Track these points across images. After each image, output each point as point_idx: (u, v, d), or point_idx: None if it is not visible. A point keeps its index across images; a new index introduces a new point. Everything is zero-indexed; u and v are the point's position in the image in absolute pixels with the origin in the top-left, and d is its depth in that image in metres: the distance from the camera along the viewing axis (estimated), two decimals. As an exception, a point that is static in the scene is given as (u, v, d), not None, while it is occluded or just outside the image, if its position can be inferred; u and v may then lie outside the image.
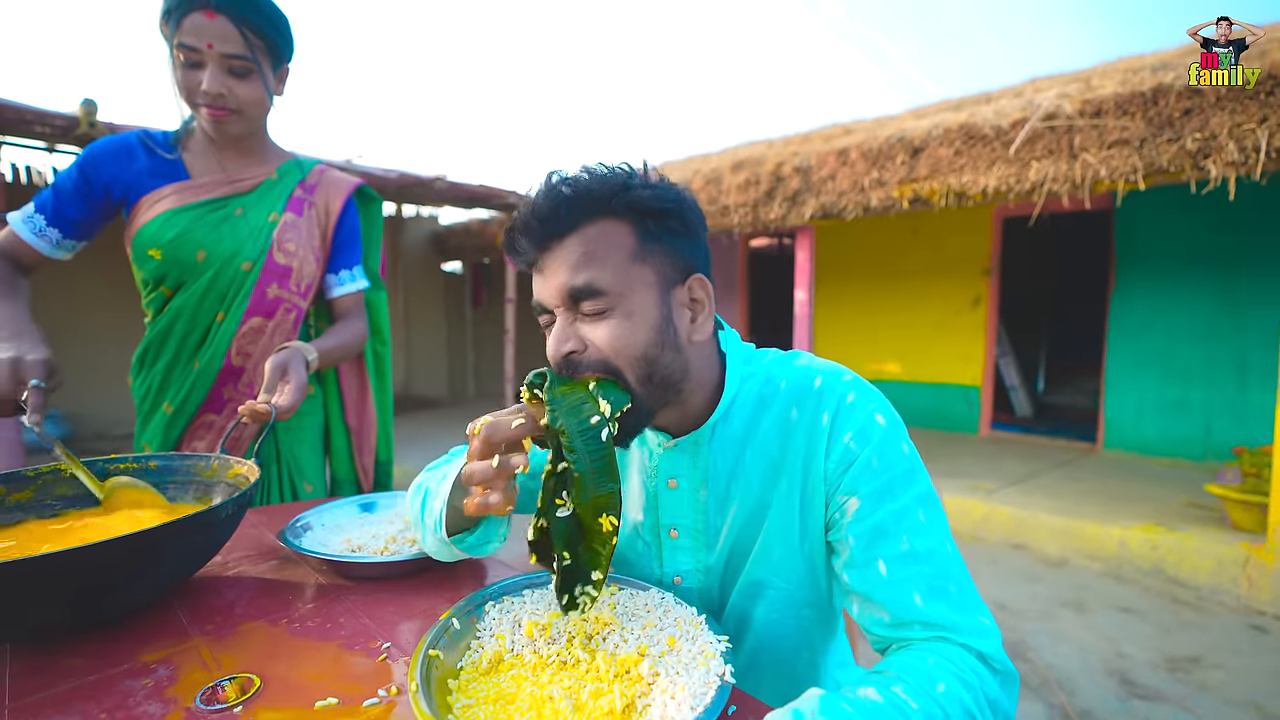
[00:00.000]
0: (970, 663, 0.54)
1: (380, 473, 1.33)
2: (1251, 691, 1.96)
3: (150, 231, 1.04)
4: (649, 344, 0.60)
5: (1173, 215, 4.14)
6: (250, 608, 0.71)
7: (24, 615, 0.58)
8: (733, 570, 0.70)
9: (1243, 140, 2.23)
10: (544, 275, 0.61)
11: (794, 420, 0.65)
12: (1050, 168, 2.65)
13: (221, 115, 1.01)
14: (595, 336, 0.60)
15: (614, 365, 0.60)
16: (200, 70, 0.98)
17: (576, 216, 0.59)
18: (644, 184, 0.61)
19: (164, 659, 0.61)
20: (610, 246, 0.59)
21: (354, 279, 1.21)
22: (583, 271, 0.58)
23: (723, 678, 0.52)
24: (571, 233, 0.59)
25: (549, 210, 0.58)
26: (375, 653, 0.62)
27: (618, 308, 0.59)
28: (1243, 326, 3.96)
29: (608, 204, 0.59)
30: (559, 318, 0.61)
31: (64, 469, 0.83)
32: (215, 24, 0.96)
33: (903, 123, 4.13)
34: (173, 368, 1.10)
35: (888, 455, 0.61)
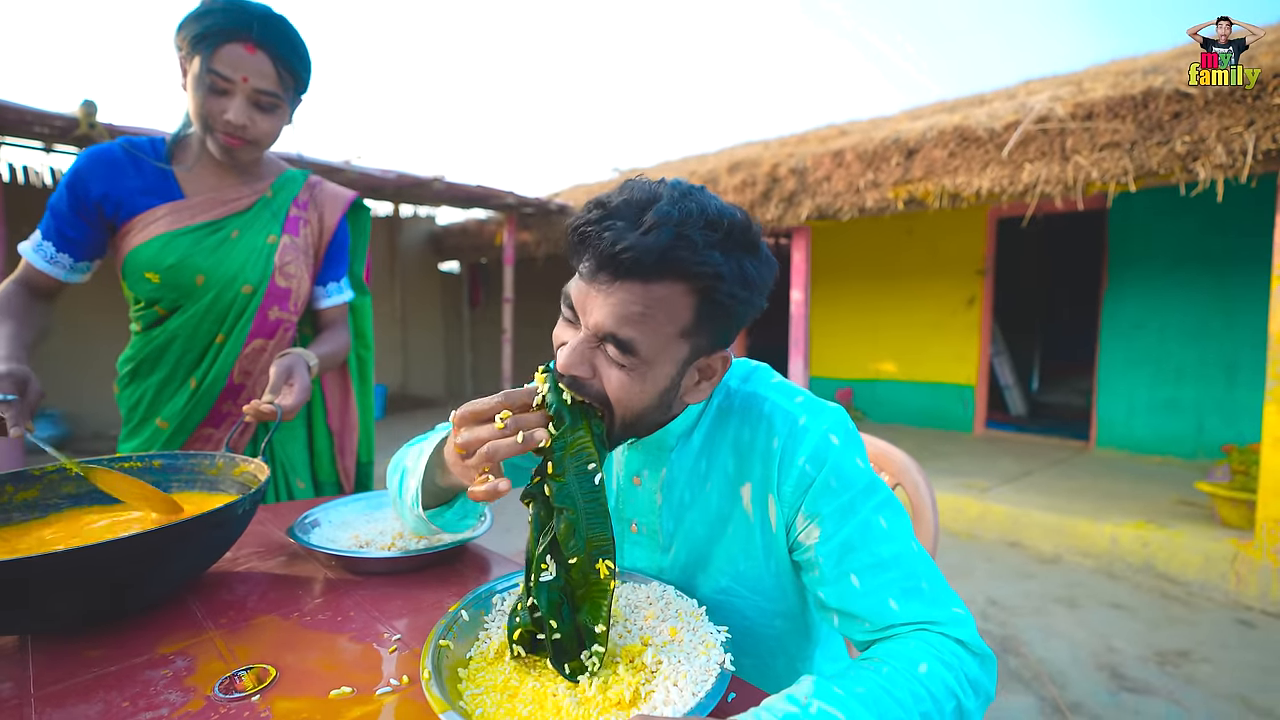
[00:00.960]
0: (950, 646, 0.56)
1: (361, 474, 1.34)
2: (1238, 685, 1.99)
3: (148, 255, 1.03)
4: (647, 406, 0.60)
5: (1165, 216, 4.19)
6: (262, 602, 0.73)
7: (51, 608, 0.60)
8: (689, 576, 0.72)
9: (1230, 144, 2.26)
10: (591, 296, 0.57)
11: (746, 441, 0.66)
12: (1043, 169, 2.69)
13: (238, 144, 1.01)
14: (608, 376, 0.58)
15: (610, 406, 0.59)
16: (227, 98, 0.97)
17: (654, 274, 0.54)
18: (736, 275, 0.56)
19: (181, 650, 0.63)
20: (665, 317, 0.56)
21: (340, 291, 1.21)
22: (628, 328, 0.55)
23: (723, 665, 0.55)
24: (638, 282, 0.54)
25: (632, 257, 0.52)
26: (385, 644, 0.65)
27: (639, 369, 0.58)
28: (1233, 326, 4.00)
29: (694, 278, 0.55)
30: (584, 336, 0.58)
31: (70, 468, 0.85)
32: (254, 59, 0.95)
33: (898, 124, 4.16)
34: (166, 384, 1.10)
35: (845, 473, 0.62)
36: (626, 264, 0.53)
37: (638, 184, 0.58)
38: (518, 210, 5.43)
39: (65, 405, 4.86)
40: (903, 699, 0.50)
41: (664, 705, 0.51)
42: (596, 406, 0.60)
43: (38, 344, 0.99)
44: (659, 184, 0.58)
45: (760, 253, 0.59)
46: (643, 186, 0.57)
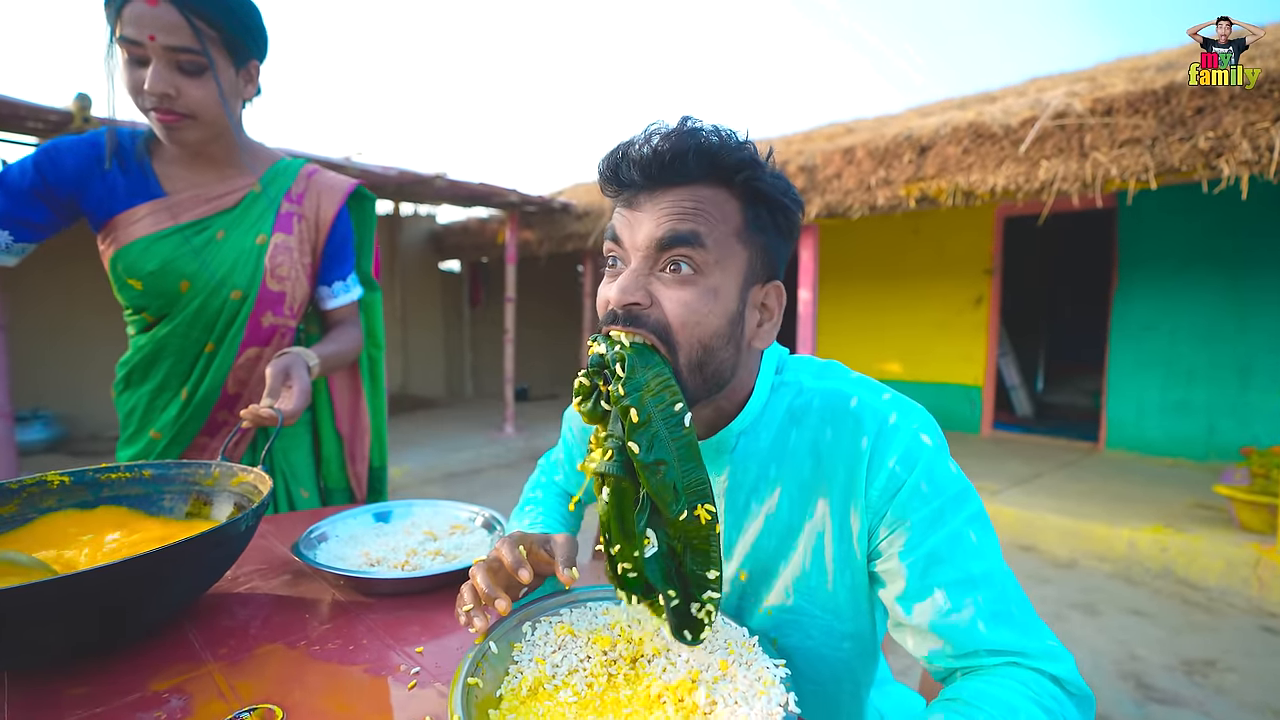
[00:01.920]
0: (1047, 687, 0.50)
1: (374, 479, 1.27)
2: (1267, 694, 1.94)
3: (129, 260, 0.95)
4: (717, 332, 0.55)
5: (1176, 216, 4.14)
6: (266, 628, 0.67)
7: (30, 641, 0.54)
8: (751, 593, 0.66)
9: (1256, 139, 2.21)
10: (636, 214, 0.55)
11: (829, 441, 0.60)
12: (1060, 166, 2.63)
13: (172, 120, 0.88)
14: (669, 298, 0.54)
15: (674, 338, 0.54)
16: (145, 67, 0.86)
17: (701, 170, 0.54)
18: (768, 168, 0.57)
19: (176, 687, 0.56)
20: (718, 215, 0.55)
21: (348, 290, 1.14)
22: (687, 222, 0.53)
23: (786, 708, 0.49)
24: (685, 185, 0.54)
25: (676, 152, 0.53)
26: (404, 678, 0.58)
27: (705, 277, 0.54)
28: (1246, 328, 3.95)
29: (733, 174, 0.55)
30: (634, 264, 0.55)
31: (51, 480, 0.78)
32: (158, 11, 0.83)
33: (907, 121, 4.10)
34: (159, 394, 1.03)
35: (937, 478, 0.56)
36: (669, 161, 0.53)
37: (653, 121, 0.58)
38: (520, 208, 5.36)
39: (62, 407, 4.78)
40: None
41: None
42: (659, 346, 0.54)
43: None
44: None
45: (773, 159, 0.60)
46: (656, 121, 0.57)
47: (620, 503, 0.52)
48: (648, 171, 0.54)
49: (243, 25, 0.90)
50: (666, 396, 0.52)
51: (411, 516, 0.95)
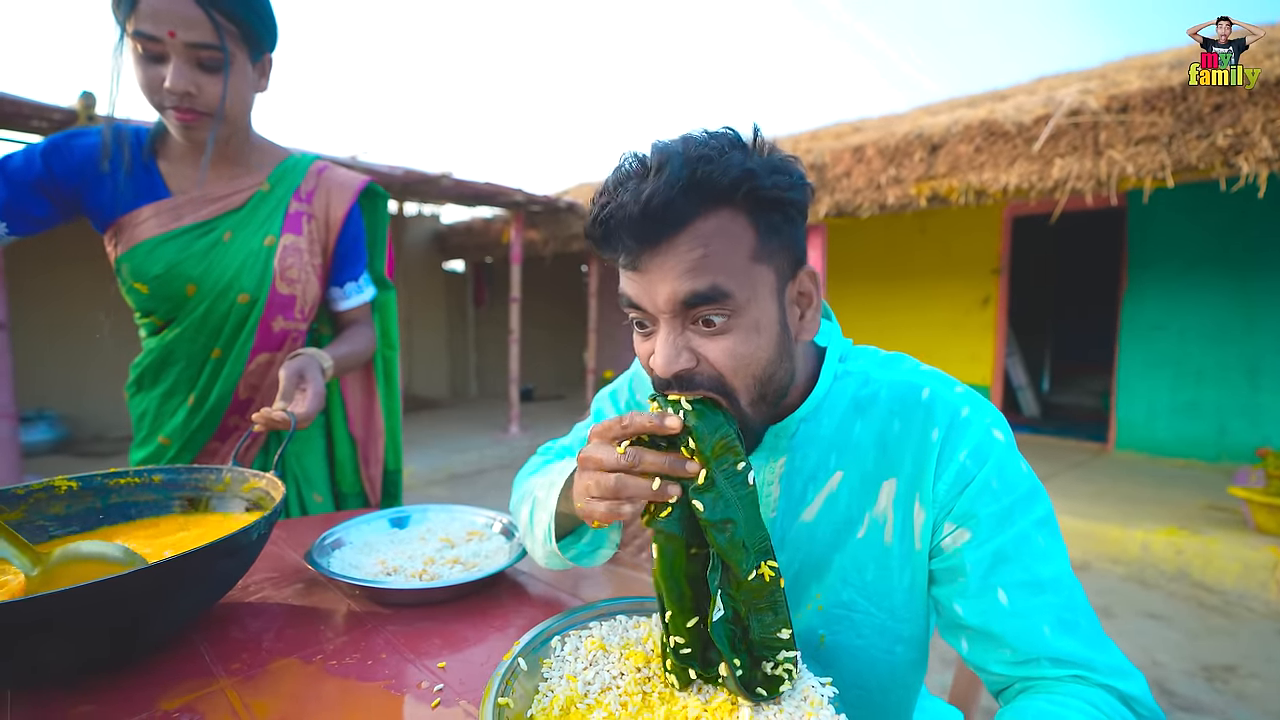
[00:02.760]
0: (1117, 709, 0.47)
1: (389, 482, 1.24)
2: (1292, 701, 1.90)
3: (134, 263, 0.92)
4: (769, 360, 0.53)
5: (1186, 215, 4.10)
6: (279, 641, 0.64)
7: (39, 658, 0.51)
8: (803, 583, 0.63)
9: (1277, 136, 2.17)
10: (646, 276, 0.51)
11: (896, 433, 0.58)
12: (1074, 165, 2.59)
13: (191, 119, 0.85)
14: (712, 352, 0.52)
15: (729, 385, 0.52)
16: (163, 64, 0.82)
17: (692, 209, 0.49)
18: (765, 166, 0.51)
19: (187, 705, 0.53)
20: (729, 246, 0.50)
21: (360, 290, 1.11)
22: (704, 276, 0.49)
23: (838, 731, 0.46)
24: (684, 229, 0.49)
25: (661, 203, 0.48)
26: (427, 695, 0.56)
27: (741, 318, 0.51)
28: (1256, 329, 3.92)
29: (730, 196, 0.49)
30: (665, 327, 0.52)
31: (58, 485, 0.76)
32: (177, 6, 0.80)
33: (916, 120, 4.06)
34: (168, 399, 1.00)
35: (1008, 475, 0.54)
36: (659, 212, 0.48)
37: (621, 161, 0.53)
38: (525, 208, 5.33)
39: (65, 407, 4.77)
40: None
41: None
42: (719, 399, 0.52)
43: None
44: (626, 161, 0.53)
45: (763, 140, 0.53)
46: (626, 158, 0.53)
47: (672, 564, 0.50)
48: (642, 234, 0.49)
49: (259, 17, 0.88)
50: (730, 458, 0.50)
51: (427, 522, 0.93)
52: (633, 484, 0.49)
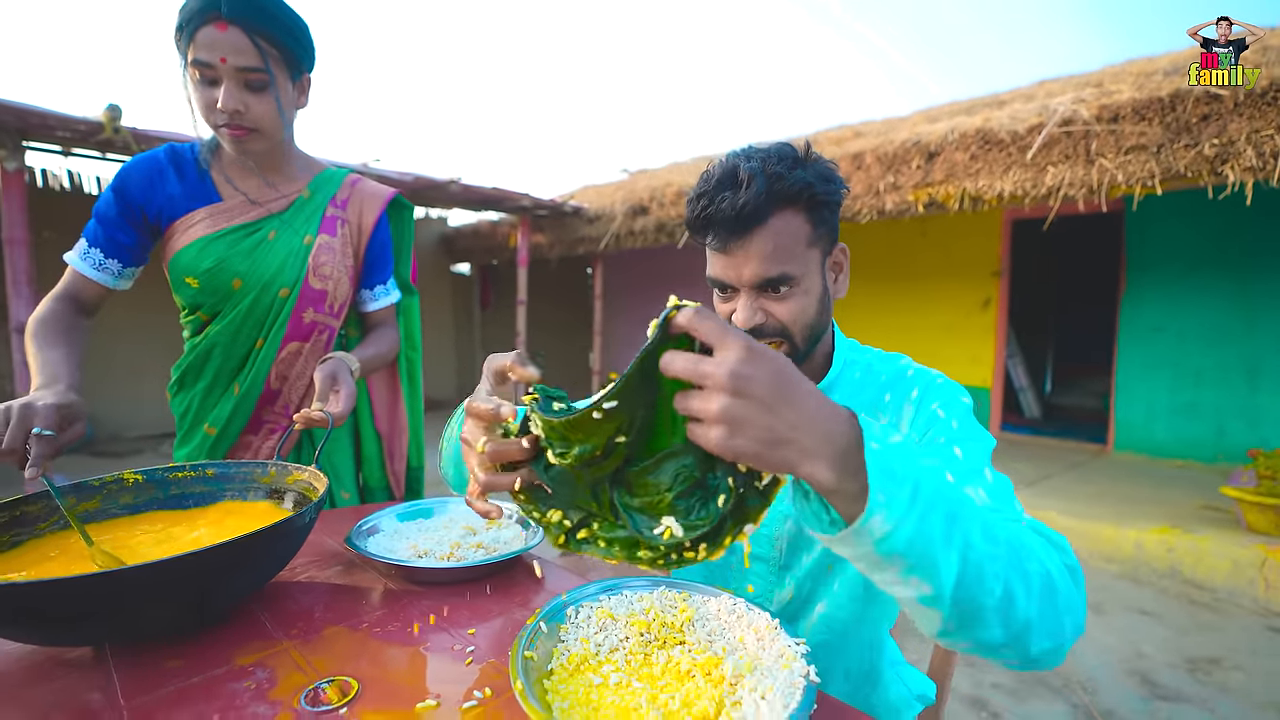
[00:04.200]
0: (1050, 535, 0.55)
1: (411, 478, 1.34)
2: (1272, 693, 1.97)
3: (186, 260, 1.03)
4: (816, 314, 0.73)
5: (1184, 220, 4.15)
6: (329, 612, 0.74)
7: (138, 618, 0.61)
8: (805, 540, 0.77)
9: (1261, 146, 2.24)
10: (733, 259, 0.70)
11: (887, 403, 0.75)
12: (1066, 172, 2.67)
13: (240, 135, 0.97)
14: (778, 311, 0.71)
15: (790, 331, 0.72)
16: (216, 87, 0.93)
17: (768, 210, 0.68)
18: (818, 176, 0.70)
19: (258, 662, 0.63)
20: (793, 238, 0.69)
21: (387, 293, 1.21)
22: (776, 265, 0.69)
23: (808, 678, 0.55)
24: (761, 225, 0.68)
25: (746, 206, 0.66)
26: (460, 655, 0.65)
27: (798, 288, 0.71)
28: (1254, 330, 3.97)
29: (795, 201, 0.68)
30: (745, 296, 0.71)
31: (126, 479, 0.85)
32: (228, 36, 0.91)
33: (914, 126, 4.14)
34: (211, 390, 1.10)
35: (969, 424, 0.69)
36: (749, 215, 0.67)
37: (716, 164, 0.72)
38: (532, 212, 5.44)
39: (84, 407, 4.89)
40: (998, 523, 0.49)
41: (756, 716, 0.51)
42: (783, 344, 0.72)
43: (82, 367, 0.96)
44: (725, 158, 0.72)
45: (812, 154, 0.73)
46: (719, 165, 0.71)
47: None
48: (733, 230, 0.68)
49: (298, 42, 0.99)
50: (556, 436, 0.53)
51: (449, 512, 1.02)
52: (499, 481, 0.56)
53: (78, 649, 0.64)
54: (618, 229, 5.14)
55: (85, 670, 0.61)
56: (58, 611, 0.56)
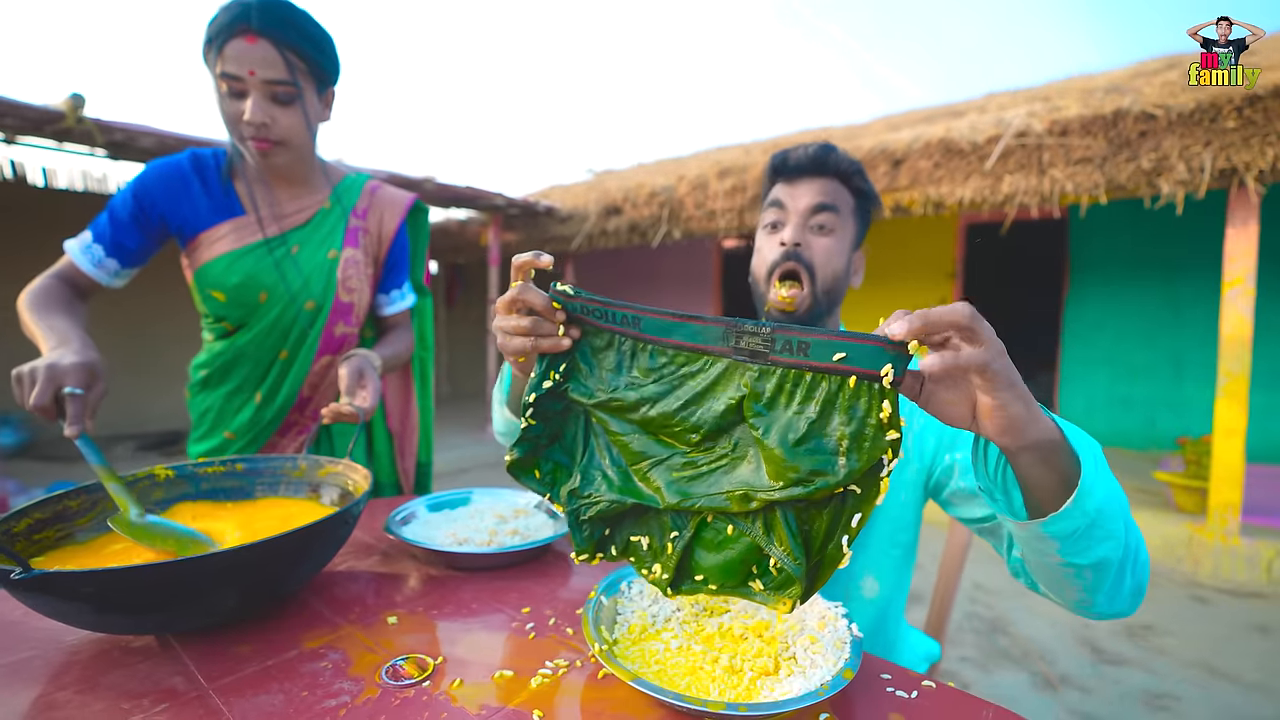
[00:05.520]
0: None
1: (420, 474, 1.36)
2: (1200, 653, 2.18)
3: (214, 274, 1.03)
4: (840, 266, 0.87)
5: (1122, 226, 4.48)
6: (380, 598, 0.77)
7: (208, 605, 0.63)
8: None
9: (1190, 161, 2.46)
10: (797, 189, 0.87)
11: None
12: (1021, 181, 2.86)
13: (266, 147, 0.97)
14: (816, 245, 0.86)
15: (815, 271, 0.85)
16: (243, 100, 0.94)
17: (837, 170, 0.88)
18: (864, 178, 0.90)
19: (327, 644, 0.65)
20: (842, 199, 0.88)
21: (404, 297, 1.22)
22: (829, 198, 0.87)
23: (852, 633, 0.62)
24: (828, 177, 0.87)
25: (831, 159, 0.87)
26: (521, 630, 0.69)
27: (834, 237, 0.86)
28: (1181, 328, 4.31)
29: (849, 175, 0.88)
30: (795, 221, 0.86)
31: (158, 474, 0.86)
32: (257, 49, 0.91)
33: (877, 133, 4.32)
34: (233, 397, 1.10)
35: None
36: (823, 162, 0.87)
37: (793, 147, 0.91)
38: (505, 211, 5.40)
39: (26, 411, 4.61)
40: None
41: (811, 669, 0.57)
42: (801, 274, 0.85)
43: None
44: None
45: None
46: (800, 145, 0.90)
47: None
48: (809, 163, 0.87)
49: (326, 56, 0.99)
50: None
51: (474, 503, 1.05)
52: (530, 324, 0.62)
53: (143, 637, 0.66)
54: (591, 229, 5.17)
55: (156, 657, 0.63)
56: (140, 598, 0.58)
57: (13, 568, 0.53)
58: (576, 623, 0.71)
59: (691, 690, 0.56)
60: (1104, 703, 1.90)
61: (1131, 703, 1.90)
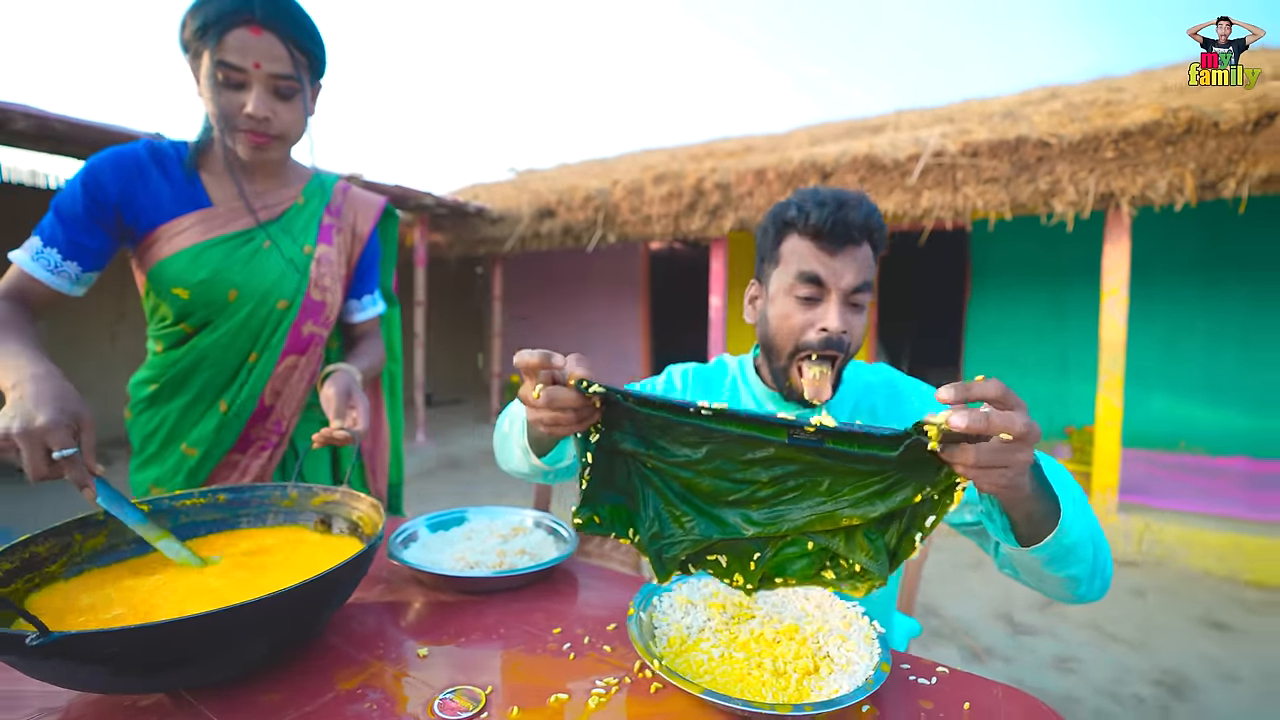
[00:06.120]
0: None
1: (392, 495, 1.30)
2: (1093, 619, 2.49)
3: (176, 269, 0.95)
4: (861, 339, 0.86)
5: (1017, 238, 4.98)
6: (403, 631, 0.74)
7: (240, 655, 0.59)
8: None
9: (1078, 185, 2.80)
10: (837, 262, 0.80)
11: (883, 410, 0.90)
12: (938, 197, 3.12)
13: (264, 141, 0.92)
14: (854, 325, 0.83)
15: (849, 349, 0.83)
16: (243, 91, 0.89)
17: (869, 236, 0.82)
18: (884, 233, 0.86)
19: (363, 684, 0.62)
20: (870, 266, 0.84)
21: (374, 303, 1.18)
22: (866, 274, 0.82)
23: (875, 629, 0.67)
24: (864, 243, 0.82)
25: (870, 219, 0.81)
26: (560, 653, 0.69)
27: (864, 310, 0.84)
28: (1065, 329, 4.86)
29: (875, 237, 0.83)
30: (837, 302, 0.81)
31: None
32: (262, 41, 0.87)
33: (800, 144, 4.56)
34: (192, 407, 1.02)
35: None
36: (868, 229, 0.81)
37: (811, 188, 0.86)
38: (433, 211, 5.21)
39: None
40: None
41: (849, 665, 0.62)
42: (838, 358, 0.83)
43: None
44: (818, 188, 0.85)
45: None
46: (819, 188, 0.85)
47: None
48: (851, 235, 0.80)
49: (321, 49, 0.96)
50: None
51: (470, 522, 1.03)
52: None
53: (151, 695, 0.60)
54: (524, 231, 5.09)
55: (173, 715, 0.58)
56: (167, 654, 0.54)
57: (26, 632, 0.47)
58: (610, 639, 0.72)
59: (747, 695, 0.59)
60: (1024, 669, 2.12)
61: (1044, 667, 2.13)
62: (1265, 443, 4.21)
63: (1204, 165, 2.58)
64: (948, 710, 0.62)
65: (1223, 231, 4.23)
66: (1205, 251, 4.34)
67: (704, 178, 4.10)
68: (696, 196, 4.15)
